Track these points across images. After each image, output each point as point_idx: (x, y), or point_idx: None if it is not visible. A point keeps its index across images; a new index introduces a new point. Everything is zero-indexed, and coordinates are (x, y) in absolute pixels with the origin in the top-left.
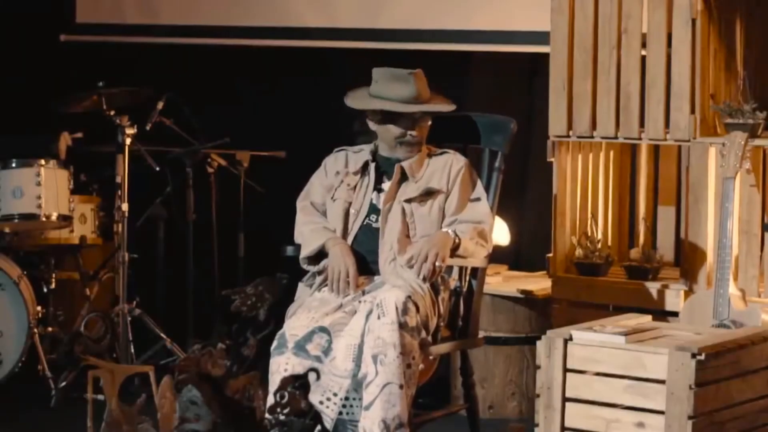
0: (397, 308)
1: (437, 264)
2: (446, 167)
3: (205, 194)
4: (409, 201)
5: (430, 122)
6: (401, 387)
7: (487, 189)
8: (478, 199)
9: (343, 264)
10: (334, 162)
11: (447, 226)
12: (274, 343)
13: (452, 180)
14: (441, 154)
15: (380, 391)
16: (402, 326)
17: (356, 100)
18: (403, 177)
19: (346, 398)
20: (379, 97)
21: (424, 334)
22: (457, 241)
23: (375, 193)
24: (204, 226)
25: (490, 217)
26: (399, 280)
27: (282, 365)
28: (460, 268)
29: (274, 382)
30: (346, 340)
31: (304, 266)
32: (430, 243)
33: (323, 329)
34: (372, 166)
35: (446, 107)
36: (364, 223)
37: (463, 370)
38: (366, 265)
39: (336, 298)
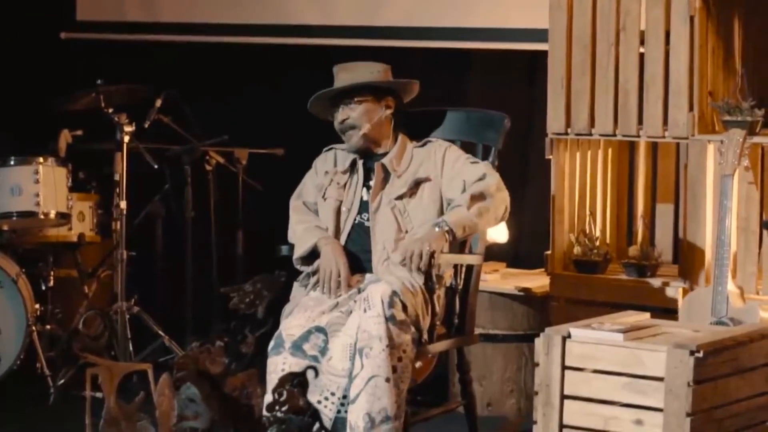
0: (382, 301)
1: (426, 250)
2: (431, 155)
3: (203, 192)
4: (399, 198)
5: (371, 107)
6: (388, 380)
7: None
8: (476, 162)
9: (334, 264)
10: (324, 161)
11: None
12: (271, 344)
13: (440, 162)
14: (424, 144)
15: (365, 384)
16: (388, 319)
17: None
18: (387, 174)
19: (344, 397)
20: None
21: (413, 330)
22: (448, 235)
23: (365, 189)
24: (202, 224)
25: (489, 175)
26: (392, 277)
27: (279, 365)
28: (455, 265)
29: (271, 382)
30: (342, 339)
31: (298, 266)
32: (417, 239)
33: (320, 329)
34: (360, 163)
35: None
36: (356, 221)
37: (459, 367)
38: (360, 263)
39: (330, 298)
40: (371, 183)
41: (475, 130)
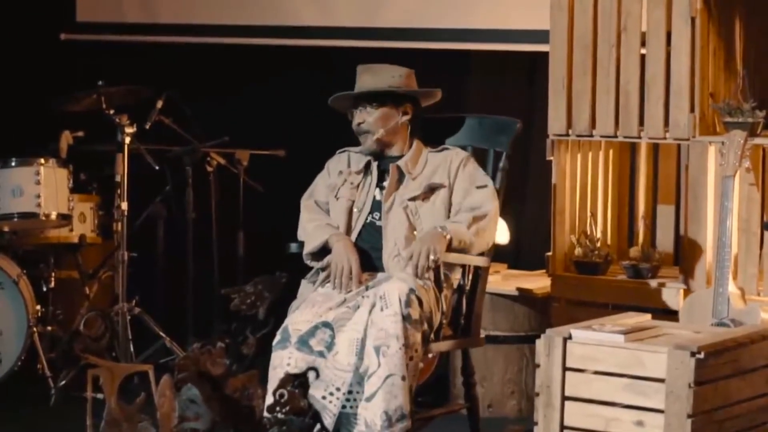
0: (400, 300)
1: (432, 258)
2: (446, 162)
3: (204, 193)
4: (412, 199)
5: (388, 113)
6: (404, 378)
7: None
8: (484, 186)
9: (345, 260)
10: (337, 162)
11: (453, 216)
12: (277, 338)
13: (454, 173)
14: (440, 150)
15: (383, 382)
16: (405, 318)
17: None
18: (401, 175)
19: (350, 392)
20: None
21: (426, 327)
22: (448, 237)
23: (378, 190)
24: (203, 225)
25: (492, 199)
26: (403, 273)
27: (285, 359)
28: (463, 267)
29: (275, 376)
30: (348, 334)
31: (308, 262)
32: (421, 241)
33: (326, 324)
34: (374, 164)
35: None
36: (368, 220)
37: (464, 370)
38: (369, 261)
39: (339, 294)
40: (385, 184)
41: (487, 136)
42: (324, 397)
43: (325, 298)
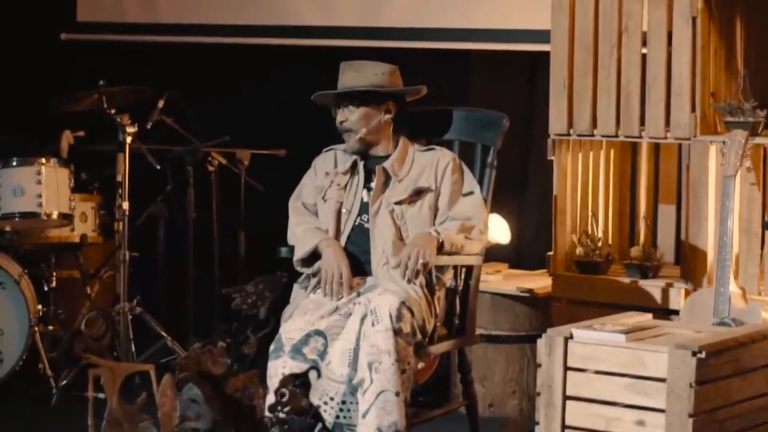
0: (391, 315)
1: (421, 261)
2: (433, 164)
3: (205, 193)
4: (399, 203)
5: (370, 112)
6: (397, 394)
7: (480, 185)
8: (470, 193)
9: (336, 266)
10: (324, 162)
11: (439, 225)
12: (272, 347)
13: (440, 176)
14: (427, 150)
15: (375, 398)
16: (396, 333)
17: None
18: (387, 177)
19: (343, 402)
20: None
21: (419, 337)
22: (440, 239)
23: (365, 191)
24: (204, 225)
25: (481, 211)
26: (393, 284)
27: (279, 369)
28: (455, 267)
29: (272, 386)
30: (341, 344)
31: (298, 268)
32: (412, 244)
33: (319, 332)
34: (361, 164)
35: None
36: (356, 223)
37: (460, 368)
38: (360, 265)
39: (330, 300)
40: (372, 185)
41: (474, 130)
42: (319, 406)
43: (316, 305)
